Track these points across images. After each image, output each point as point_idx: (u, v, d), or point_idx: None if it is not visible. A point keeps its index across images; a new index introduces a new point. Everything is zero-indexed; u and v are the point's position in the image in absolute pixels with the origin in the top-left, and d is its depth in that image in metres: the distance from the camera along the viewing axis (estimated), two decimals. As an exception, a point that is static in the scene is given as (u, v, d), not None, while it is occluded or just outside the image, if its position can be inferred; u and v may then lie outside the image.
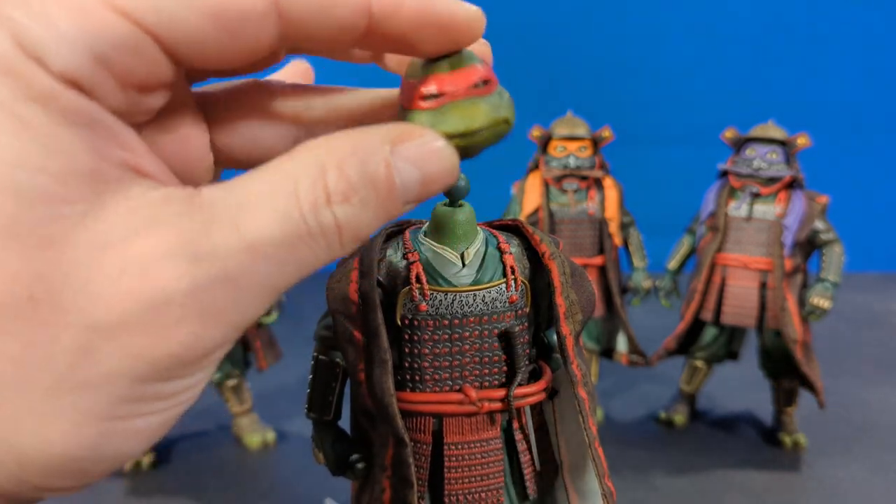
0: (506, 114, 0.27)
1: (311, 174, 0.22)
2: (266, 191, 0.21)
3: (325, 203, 0.22)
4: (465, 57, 0.27)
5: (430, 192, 0.25)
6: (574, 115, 1.05)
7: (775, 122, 0.98)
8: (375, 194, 0.23)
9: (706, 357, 1.05)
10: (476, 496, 0.36)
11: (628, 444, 0.99)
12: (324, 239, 0.22)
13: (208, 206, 0.21)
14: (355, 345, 0.35)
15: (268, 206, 0.21)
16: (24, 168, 0.19)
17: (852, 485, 0.87)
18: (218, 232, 0.20)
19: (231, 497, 0.85)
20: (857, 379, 1.19)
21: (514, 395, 0.35)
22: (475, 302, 0.35)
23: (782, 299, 0.93)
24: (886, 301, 1.74)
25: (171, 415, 0.22)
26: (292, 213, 0.21)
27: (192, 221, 0.20)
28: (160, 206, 0.20)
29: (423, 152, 0.24)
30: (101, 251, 0.19)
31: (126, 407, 0.21)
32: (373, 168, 0.23)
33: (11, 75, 0.19)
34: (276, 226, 0.21)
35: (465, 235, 0.35)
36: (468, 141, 0.27)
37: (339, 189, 0.22)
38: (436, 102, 0.27)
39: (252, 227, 0.21)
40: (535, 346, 0.38)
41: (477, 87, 0.27)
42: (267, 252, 0.21)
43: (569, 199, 1.02)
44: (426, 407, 0.36)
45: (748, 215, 0.95)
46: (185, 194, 0.21)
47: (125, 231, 0.20)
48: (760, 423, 1.06)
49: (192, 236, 0.20)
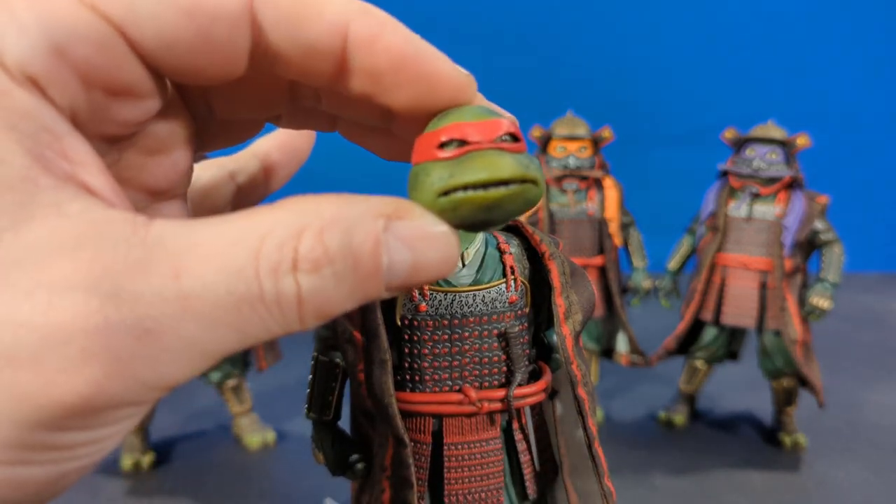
0: (536, 175, 0.23)
1: (284, 232, 0.19)
2: (228, 239, 0.18)
3: (289, 268, 0.19)
4: (488, 110, 0.24)
5: (419, 280, 0.21)
6: (574, 115, 1.05)
7: (775, 122, 0.98)
8: (354, 271, 0.20)
9: (706, 357, 1.05)
10: (476, 496, 0.36)
11: (628, 444, 0.99)
12: (278, 309, 0.19)
13: (152, 243, 0.18)
14: (355, 345, 0.35)
15: (221, 258, 0.18)
16: None
17: (852, 485, 0.87)
18: (151, 274, 0.17)
19: (231, 497, 0.85)
20: (857, 379, 1.19)
21: (513, 396, 0.35)
22: (475, 302, 0.35)
23: (782, 299, 0.93)
24: (886, 301, 1.74)
25: (70, 468, 0.19)
26: (246, 271, 0.18)
27: (126, 255, 0.17)
28: (95, 229, 0.18)
29: (421, 235, 0.21)
30: (10, 273, 0.17)
31: (9, 453, 0.17)
32: (359, 241, 0.20)
33: None
34: (222, 282, 0.18)
35: (464, 235, 0.35)
36: (493, 195, 0.22)
37: (310, 256, 0.19)
38: (457, 151, 0.23)
39: (193, 277, 0.18)
40: (534, 347, 0.38)
41: (504, 140, 0.23)
42: (203, 310, 0.18)
43: (569, 199, 1.02)
44: (426, 407, 0.36)
45: (748, 215, 0.95)
46: (131, 223, 0.18)
47: (45, 251, 0.17)
48: (760, 423, 1.06)
49: (118, 270, 0.17)
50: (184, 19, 0.19)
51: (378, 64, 0.22)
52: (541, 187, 0.24)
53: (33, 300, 0.17)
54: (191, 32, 0.20)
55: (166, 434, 1.02)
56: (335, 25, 0.21)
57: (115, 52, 0.19)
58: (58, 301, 0.17)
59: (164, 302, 0.17)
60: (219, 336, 0.19)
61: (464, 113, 0.24)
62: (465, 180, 0.22)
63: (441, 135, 0.23)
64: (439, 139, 0.23)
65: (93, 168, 0.19)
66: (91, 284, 0.17)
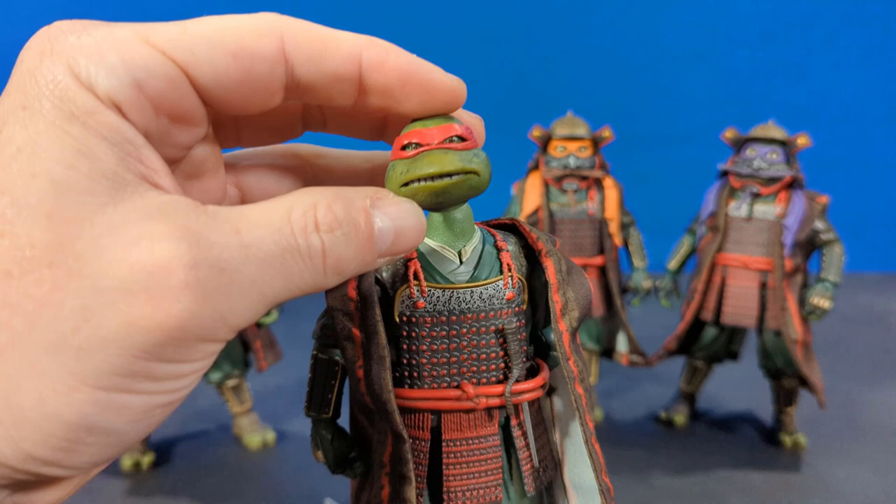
0: (477, 167, 0.30)
1: (303, 205, 0.25)
2: (265, 210, 0.25)
3: (314, 228, 0.25)
4: (446, 117, 0.31)
5: (400, 246, 0.28)
6: (574, 115, 1.05)
7: (775, 122, 0.98)
8: (356, 233, 0.26)
9: (706, 357, 1.05)
10: (475, 492, 0.36)
11: (628, 444, 0.99)
12: (310, 259, 0.25)
13: (213, 212, 0.24)
14: (354, 342, 0.35)
15: (264, 221, 0.24)
16: (60, 164, 0.22)
17: (852, 485, 0.87)
18: (219, 230, 0.23)
19: (231, 497, 0.85)
20: (857, 379, 1.19)
21: (511, 392, 0.35)
22: (472, 299, 0.35)
23: (782, 299, 0.93)
24: (886, 301, 1.74)
25: (158, 402, 0.24)
26: (285, 229, 0.24)
27: (197, 218, 0.23)
28: (170, 203, 0.23)
29: (397, 209, 0.28)
30: (116, 228, 0.22)
31: (116, 379, 0.22)
32: (355, 213, 0.26)
33: (63, 98, 0.23)
34: (269, 236, 0.24)
35: (462, 233, 0.35)
36: (439, 185, 0.30)
37: (326, 220, 0.25)
38: (414, 152, 0.30)
39: (249, 233, 0.24)
40: (532, 343, 0.38)
41: (451, 140, 0.30)
42: (259, 256, 0.24)
43: (569, 199, 1.02)
44: (424, 403, 0.36)
45: (748, 215, 0.95)
46: (194, 203, 0.24)
47: (138, 216, 0.23)
48: (760, 423, 1.06)
49: (195, 228, 0.23)
50: (231, 60, 0.25)
51: (388, 81, 0.28)
52: (483, 176, 0.31)
53: (140, 246, 0.22)
54: (237, 70, 0.25)
55: (166, 434, 1.02)
56: (351, 55, 0.27)
57: (179, 86, 0.25)
58: (158, 246, 0.22)
59: (231, 249, 0.23)
60: (271, 279, 0.24)
61: (426, 121, 0.31)
62: (417, 174, 0.30)
63: (404, 139, 0.31)
64: (403, 142, 0.31)
65: (162, 172, 0.25)
66: (179, 236, 0.22)
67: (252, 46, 0.25)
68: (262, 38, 0.25)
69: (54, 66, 0.23)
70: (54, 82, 0.23)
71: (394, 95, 0.28)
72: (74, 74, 0.23)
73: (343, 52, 0.27)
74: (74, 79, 0.23)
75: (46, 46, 0.24)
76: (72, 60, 0.23)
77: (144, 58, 0.24)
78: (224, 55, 0.25)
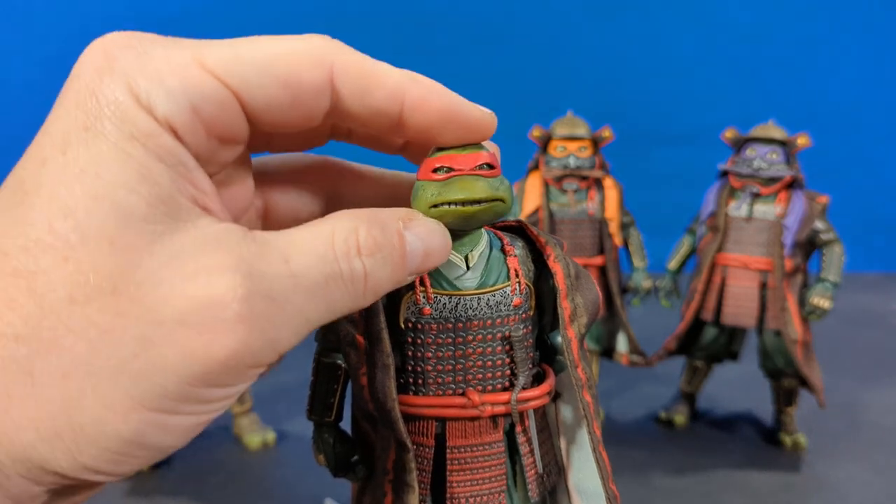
0: (503, 195, 0.32)
1: (345, 230, 0.27)
2: (309, 237, 0.26)
3: (356, 253, 0.26)
4: (477, 145, 0.32)
5: (428, 264, 0.30)
6: (574, 115, 1.05)
7: (775, 122, 0.98)
8: (392, 255, 0.28)
9: (706, 357, 1.05)
10: (479, 499, 0.36)
11: (628, 444, 0.99)
12: (353, 284, 0.26)
13: (262, 241, 0.25)
14: (357, 348, 0.35)
15: (310, 249, 0.26)
16: (123, 188, 0.23)
17: (852, 485, 0.87)
18: (268, 259, 0.25)
19: (231, 497, 0.85)
20: (857, 379, 1.19)
21: (517, 399, 0.35)
22: (479, 306, 0.35)
23: (782, 299, 0.93)
24: (886, 301, 1.74)
25: (204, 420, 0.26)
26: (329, 255, 0.26)
27: (248, 248, 0.24)
28: (223, 234, 0.25)
29: (426, 230, 0.30)
30: (173, 260, 0.23)
31: (170, 403, 0.23)
32: (390, 234, 0.28)
33: (124, 119, 0.24)
34: (315, 265, 0.25)
35: (469, 238, 0.35)
36: (469, 210, 0.32)
37: (367, 244, 0.27)
38: (445, 175, 0.32)
39: (297, 261, 0.25)
40: (538, 349, 0.38)
41: (481, 168, 0.32)
42: (307, 285, 0.25)
43: (569, 199, 1.02)
44: (429, 410, 0.36)
45: (748, 215, 0.95)
46: (242, 230, 0.25)
47: (194, 248, 0.24)
48: (760, 423, 1.06)
49: (247, 258, 0.24)
50: (281, 87, 0.26)
51: (430, 120, 0.29)
52: (507, 203, 0.33)
53: (196, 280, 0.23)
54: (286, 97, 0.26)
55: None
56: (395, 94, 0.28)
57: (231, 110, 0.26)
58: (213, 280, 0.23)
59: (281, 279, 0.24)
60: (316, 305, 0.26)
61: (456, 147, 0.32)
62: (449, 198, 0.31)
63: (436, 162, 0.32)
64: (434, 165, 0.32)
65: (211, 195, 0.26)
66: (232, 267, 0.23)
67: (302, 76, 0.26)
68: (313, 69, 0.26)
69: (114, 86, 0.24)
70: (115, 103, 0.24)
71: (431, 131, 0.30)
72: (134, 95, 0.24)
73: (388, 90, 0.28)
74: (134, 100, 0.24)
75: (104, 64, 0.24)
76: (132, 81, 0.24)
77: (201, 83, 0.25)
78: (275, 83, 0.26)
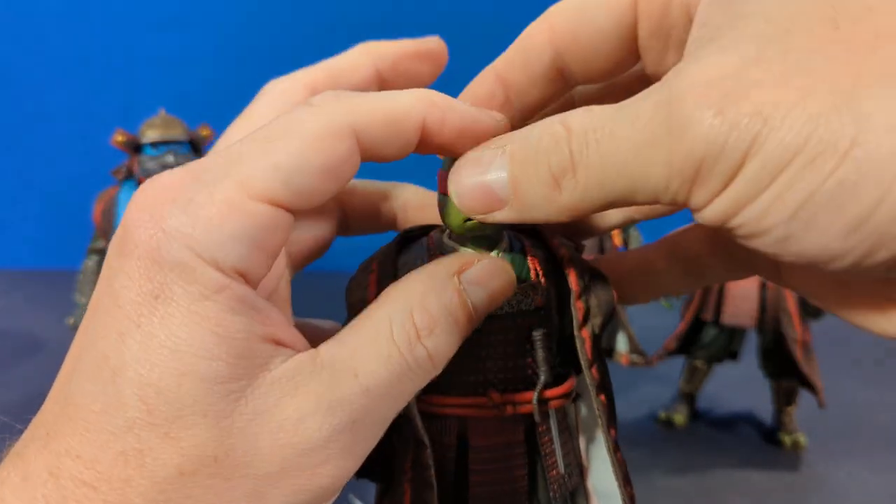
0: None
1: (400, 317, 0.27)
2: (369, 339, 0.27)
3: (416, 339, 0.27)
4: None
5: (495, 304, 0.31)
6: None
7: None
8: (454, 320, 0.29)
9: (706, 357, 1.05)
10: (500, 500, 0.36)
11: (628, 444, 0.99)
12: (421, 371, 0.28)
13: (329, 364, 0.26)
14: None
15: (373, 353, 0.27)
16: (204, 357, 0.24)
17: (852, 484, 0.88)
18: (340, 382, 0.26)
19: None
20: (857, 379, 1.20)
21: (539, 399, 0.35)
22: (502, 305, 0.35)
23: (782, 299, 0.94)
24: (882, 301, 1.75)
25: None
26: (393, 355, 0.27)
27: (321, 380, 0.26)
28: (294, 374, 0.26)
29: (487, 274, 0.30)
30: (260, 416, 0.25)
31: None
32: (447, 299, 0.28)
33: (190, 281, 0.24)
34: (383, 370, 0.27)
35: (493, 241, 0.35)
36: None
37: (424, 324, 0.27)
38: None
39: (366, 373, 0.26)
40: (559, 350, 0.38)
41: None
42: (380, 392, 0.27)
43: (570, 198, 1.02)
44: (450, 410, 0.35)
45: (749, 216, 0.95)
46: (309, 358, 0.26)
47: (275, 399, 0.25)
48: (760, 423, 1.07)
49: (323, 392, 0.26)
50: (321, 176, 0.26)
51: (445, 139, 0.29)
52: None
53: (285, 431, 0.25)
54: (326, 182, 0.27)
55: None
56: (417, 125, 0.28)
57: (287, 225, 0.26)
58: (307, 425, 0.25)
59: (356, 398, 0.26)
60: (393, 405, 0.28)
61: None
62: None
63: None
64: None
65: (282, 326, 0.27)
66: (313, 409, 0.25)
67: (335, 158, 0.26)
68: (340, 148, 0.26)
69: (173, 248, 0.24)
70: (180, 265, 0.24)
71: (446, 147, 0.30)
72: (197, 254, 0.24)
73: (411, 125, 0.28)
74: (198, 258, 0.24)
75: (155, 229, 0.24)
76: (189, 240, 0.24)
77: (258, 215, 0.25)
78: (314, 180, 0.26)
